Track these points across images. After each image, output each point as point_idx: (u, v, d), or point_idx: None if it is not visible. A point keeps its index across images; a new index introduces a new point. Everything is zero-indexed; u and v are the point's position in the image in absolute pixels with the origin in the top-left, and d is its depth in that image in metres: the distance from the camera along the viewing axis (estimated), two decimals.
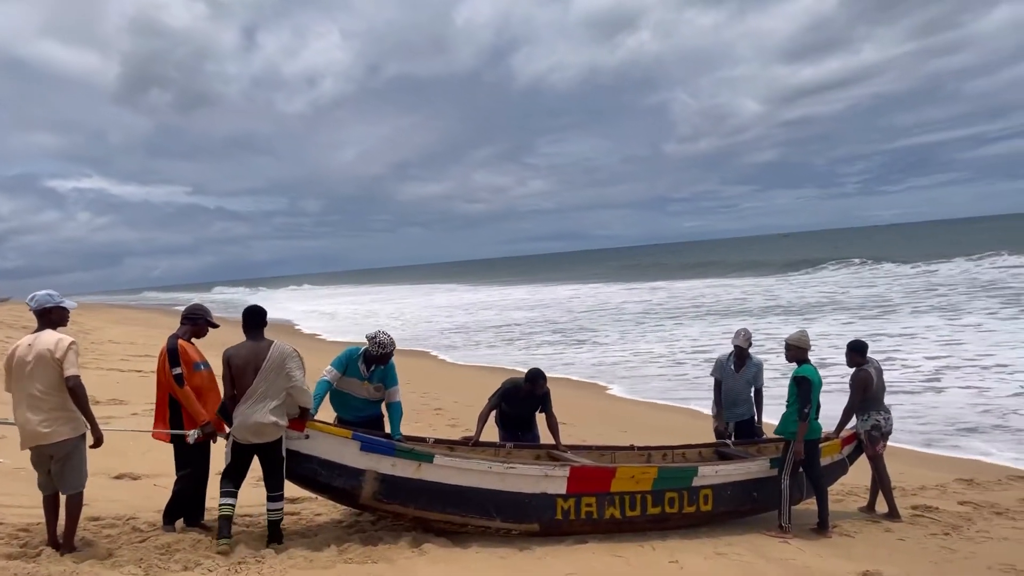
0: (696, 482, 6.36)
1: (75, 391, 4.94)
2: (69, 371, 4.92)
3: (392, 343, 6.32)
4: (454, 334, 29.54)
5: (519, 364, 19.12)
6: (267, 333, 5.70)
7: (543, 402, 7.06)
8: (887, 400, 7.24)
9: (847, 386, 7.22)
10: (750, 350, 7.72)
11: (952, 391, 13.08)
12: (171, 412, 5.72)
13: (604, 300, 42.48)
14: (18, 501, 6.04)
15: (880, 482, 7.05)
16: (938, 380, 13.95)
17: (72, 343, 5.02)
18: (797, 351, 6.75)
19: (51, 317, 5.19)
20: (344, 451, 5.71)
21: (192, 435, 5.58)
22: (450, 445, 6.79)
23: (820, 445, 6.70)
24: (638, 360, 19.37)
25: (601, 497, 6.09)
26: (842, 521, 6.73)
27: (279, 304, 55.82)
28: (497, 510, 5.90)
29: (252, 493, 5.59)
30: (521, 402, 7.10)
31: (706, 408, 12.90)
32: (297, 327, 34.77)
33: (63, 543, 5.04)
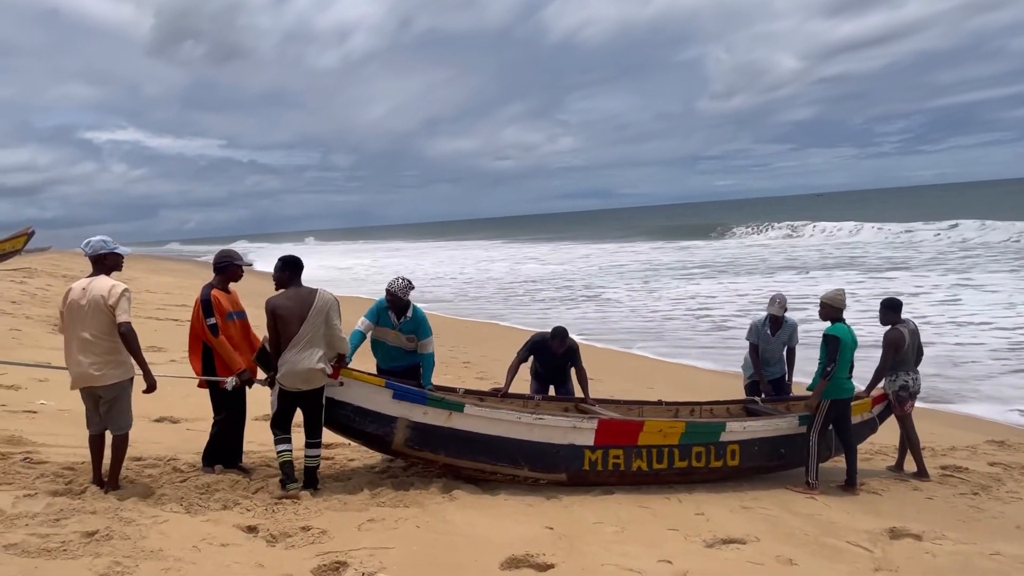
0: (724, 437, 6.39)
1: (127, 336, 5.05)
2: (121, 317, 5.03)
3: (401, 285, 6.35)
4: (448, 288, 30.09)
5: (495, 318, 20.20)
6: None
7: (571, 358, 7.14)
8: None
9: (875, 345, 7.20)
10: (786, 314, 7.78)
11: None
12: (204, 359, 5.83)
13: (622, 259, 42.47)
14: (63, 441, 6.23)
15: (908, 442, 7.03)
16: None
17: (125, 290, 5.12)
18: (830, 309, 6.70)
19: (106, 263, 5.28)
20: (377, 399, 5.82)
21: (230, 382, 5.70)
22: (480, 396, 6.89)
23: (851, 404, 6.69)
24: (622, 315, 20.05)
25: (628, 450, 6.16)
26: (870, 479, 6.75)
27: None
28: (525, 459, 5.99)
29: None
30: (550, 357, 7.19)
31: (649, 352, 14.39)
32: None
33: (108, 481, 5.21)
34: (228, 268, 5.98)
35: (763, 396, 7.64)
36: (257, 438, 6.40)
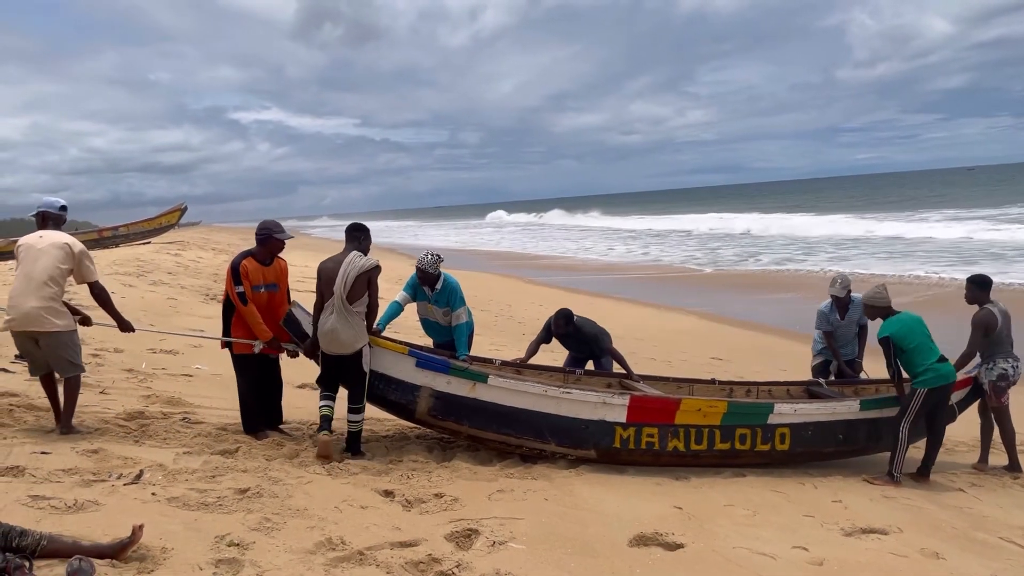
0: (772, 420, 6.01)
1: (100, 294, 5.60)
2: (91, 277, 5.52)
3: (429, 262, 6.28)
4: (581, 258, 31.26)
5: (618, 294, 19.27)
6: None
7: (588, 343, 6.97)
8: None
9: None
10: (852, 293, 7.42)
11: None
12: (225, 325, 5.99)
13: (726, 232, 41.60)
14: (217, 404, 6.70)
15: (1004, 435, 6.47)
16: None
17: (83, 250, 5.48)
18: (873, 310, 6.31)
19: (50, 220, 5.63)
20: (401, 366, 5.75)
21: (257, 346, 5.84)
22: (517, 368, 6.77)
23: (951, 389, 6.15)
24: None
25: (664, 428, 5.87)
26: None
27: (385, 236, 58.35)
28: (552, 433, 5.81)
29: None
30: (564, 339, 7.04)
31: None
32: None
33: (61, 423, 5.42)
34: (267, 240, 5.97)
35: (830, 378, 7.27)
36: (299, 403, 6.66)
